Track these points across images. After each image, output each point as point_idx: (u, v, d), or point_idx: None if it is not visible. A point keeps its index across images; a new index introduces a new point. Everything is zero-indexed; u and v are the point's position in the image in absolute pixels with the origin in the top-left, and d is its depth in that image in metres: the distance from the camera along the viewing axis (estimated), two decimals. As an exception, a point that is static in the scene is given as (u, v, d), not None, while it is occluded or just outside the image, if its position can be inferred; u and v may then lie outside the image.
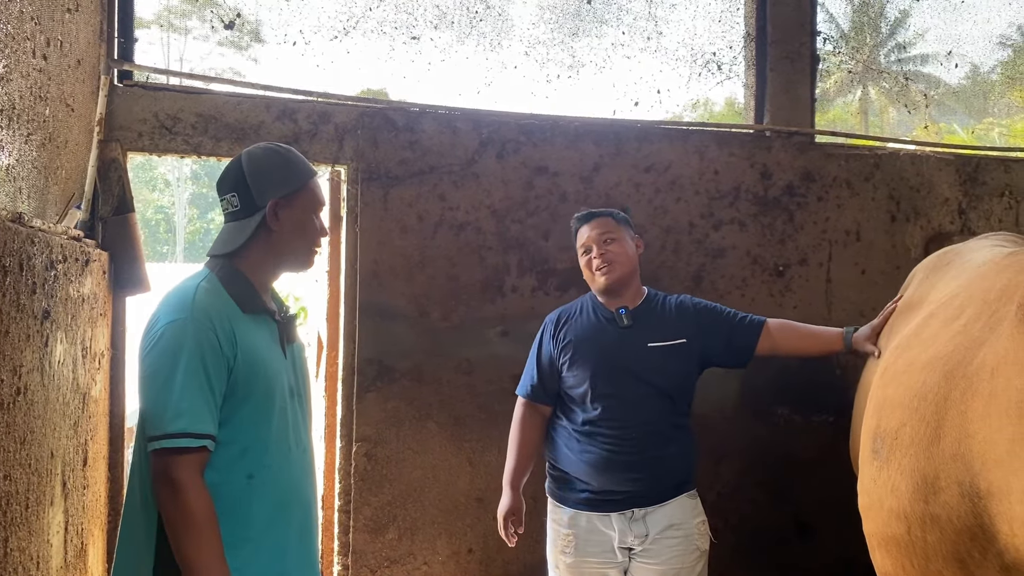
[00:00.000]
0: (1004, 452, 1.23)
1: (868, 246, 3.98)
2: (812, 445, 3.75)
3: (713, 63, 4.16)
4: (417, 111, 3.39)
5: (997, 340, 1.35)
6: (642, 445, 2.58)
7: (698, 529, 2.68)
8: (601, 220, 2.75)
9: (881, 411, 1.69)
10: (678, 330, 2.70)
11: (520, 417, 2.82)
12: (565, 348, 2.71)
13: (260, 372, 1.76)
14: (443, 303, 3.36)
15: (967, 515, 1.32)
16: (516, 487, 2.78)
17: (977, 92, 21.14)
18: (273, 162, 1.89)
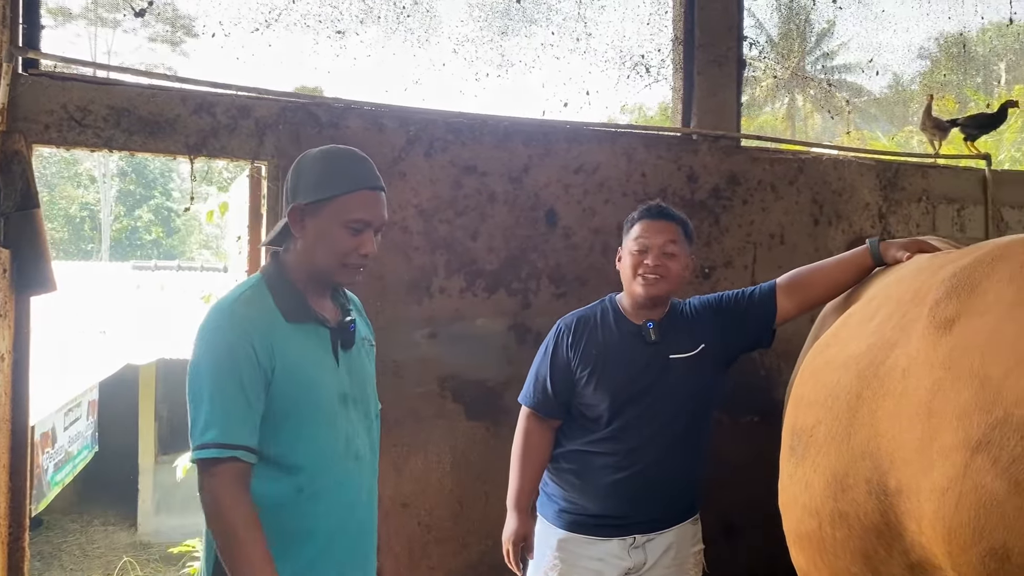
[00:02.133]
0: (913, 451, 1.24)
1: (792, 249, 4.04)
2: (739, 446, 3.79)
3: (642, 66, 4.18)
4: (342, 107, 3.31)
5: (908, 341, 1.37)
6: (655, 471, 2.38)
7: (694, 559, 2.54)
8: (670, 226, 2.45)
9: (798, 409, 1.71)
10: (699, 336, 2.47)
11: (527, 430, 2.55)
12: (585, 361, 2.45)
13: (303, 383, 1.74)
14: (370, 304, 3.26)
15: (874, 512, 1.33)
16: (524, 508, 2.51)
17: (898, 100, 21.87)
18: (315, 165, 1.81)
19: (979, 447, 1.10)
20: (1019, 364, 1.10)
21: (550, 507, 2.52)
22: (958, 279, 1.34)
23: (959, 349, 1.22)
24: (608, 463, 2.39)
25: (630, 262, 2.45)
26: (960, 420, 1.15)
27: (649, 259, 2.40)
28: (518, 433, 2.57)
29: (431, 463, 3.34)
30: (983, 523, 1.09)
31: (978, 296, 1.26)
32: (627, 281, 2.48)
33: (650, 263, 2.39)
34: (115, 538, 9.45)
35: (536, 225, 3.56)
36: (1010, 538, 1.05)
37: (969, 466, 1.11)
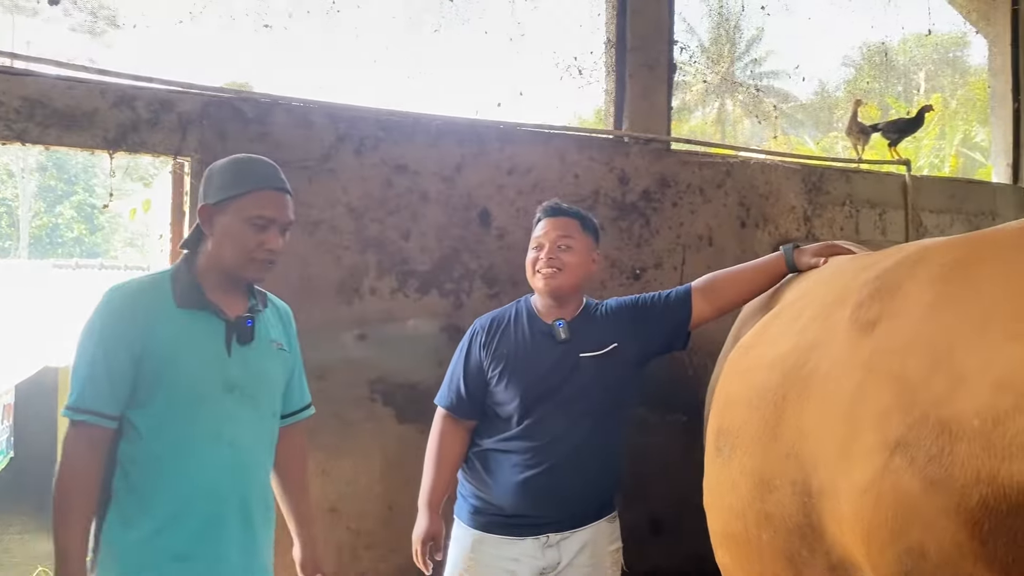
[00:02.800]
0: (835, 452, 1.26)
1: (720, 251, 4.10)
2: (666, 444, 3.83)
3: (575, 68, 4.20)
4: (269, 102, 3.23)
5: (832, 343, 1.39)
6: (567, 468, 2.39)
7: (612, 557, 2.52)
8: (565, 221, 2.51)
9: (725, 409, 1.72)
10: (611, 335, 2.49)
11: (441, 431, 2.55)
12: (496, 360, 2.48)
13: (177, 363, 1.85)
14: (296, 305, 3.17)
15: (797, 514, 1.35)
16: (435, 508, 2.51)
17: (824, 106, 22.56)
18: (224, 170, 1.98)
19: (897, 447, 1.12)
20: (937, 366, 1.12)
21: (464, 508, 2.53)
22: (880, 282, 1.36)
23: (880, 351, 1.24)
24: (519, 461, 2.40)
25: (530, 259, 2.53)
26: (880, 421, 1.17)
27: (543, 253, 2.47)
28: (432, 433, 2.58)
29: (360, 467, 3.29)
30: (900, 522, 1.11)
31: (899, 299, 1.29)
32: (530, 278, 2.54)
33: (544, 257, 2.46)
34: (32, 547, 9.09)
35: (469, 225, 3.54)
36: (926, 537, 1.08)
37: (887, 466, 1.13)
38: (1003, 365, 1.03)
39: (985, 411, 1.03)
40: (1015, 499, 0.98)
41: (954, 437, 1.05)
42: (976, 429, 1.03)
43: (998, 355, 1.05)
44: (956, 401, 1.07)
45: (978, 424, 1.03)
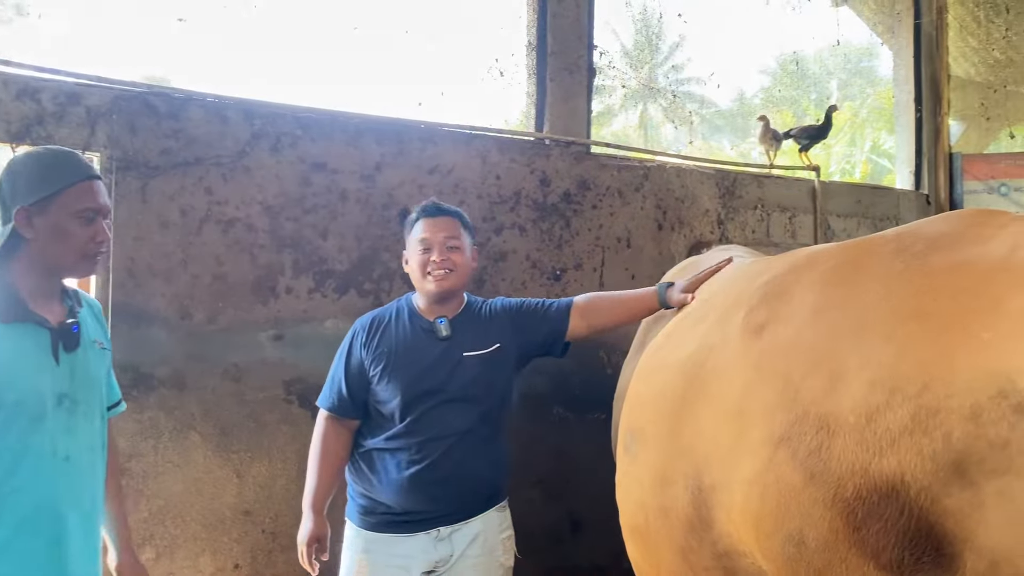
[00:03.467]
0: (726, 448, 1.32)
1: (637, 252, 4.19)
2: (585, 442, 3.89)
3: (496, 69, 4.22)
4: (182, 97, 3.16)
5: (726, 344, 1.45)
6: (452, 461, 2.42)
7: (503, 545, 2.55)
8: (449, 221, 2.55)
9: (633, 408, 1.77)
10: (494, 336, 2.55)
11: (323, 432, 2.54)
12: (377, 358, 2.48)
13: (9, 381, 1.75)
14: (209, 305, 3.15)
15: (688, 506, 1.41)
16: (319, 510, 2.49)
17: (742, 113, 23.19)
18: (28, 168, 1.87)
19: (781, 442, 1.18)
20: (816, 366, 1.19)
21: (354, 509, 2.53)
22: (769, 287, 1.43)
23: (767, 352, 1.30)
24: (404, 459, 2.42)
25: (418, 261, 2.53)
26: (765, 417, 1.23)
27: (435, 255, 2.49)
28: (315, 435, 2.56)
29: (276, 469, 3.24)
30: (783, 512, 1.17)
31: (785, 303, 1.35)
32: (418, 281, 2.55)
33: (436, 259, 2.48)
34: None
35: (389, 225, 3.53)
36: (805, 525, 1.14)
37: (772, 460, 1.19)
38: (876, 365, 1.10)
39: (859, 408, 1.09)
40: (885, 490, 1.04)
41: (831, 433, 1.11)
42: (851, 425, 1.09)
43: (872, 355, 1.12)
44: (834, 399, 1.13)
45: (853, 420, 1.09)
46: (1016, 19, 5.85)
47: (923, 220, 1.40)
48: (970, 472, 0.99)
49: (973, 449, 0.99)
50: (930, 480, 1.01)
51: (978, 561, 0.98)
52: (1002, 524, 0.97)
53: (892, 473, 1.04)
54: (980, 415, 0.99)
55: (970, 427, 1.00)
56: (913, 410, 1.04)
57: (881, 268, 1.24)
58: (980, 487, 0.98)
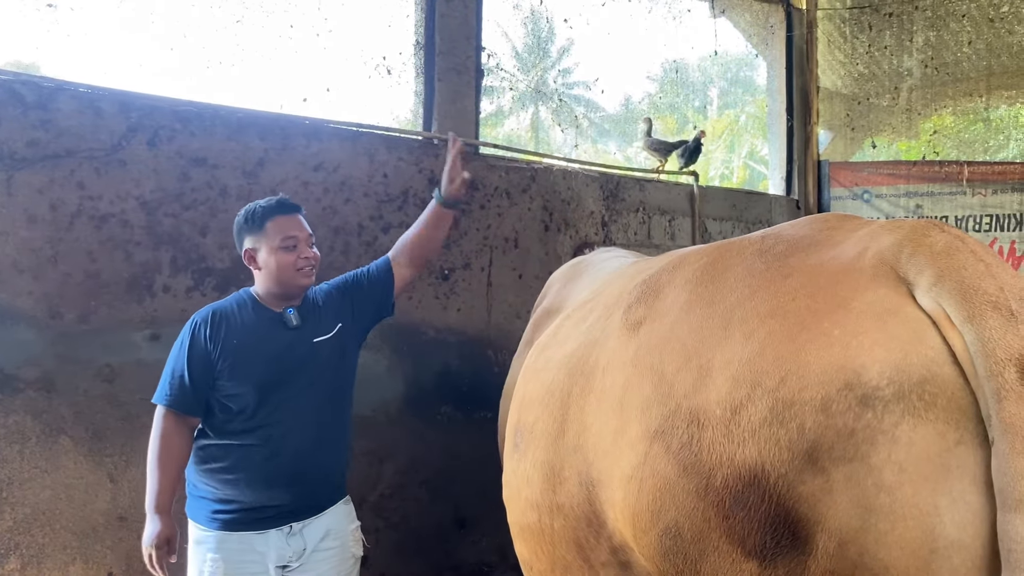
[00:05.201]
0: (610, 443, 1.36)
1: (525, 252, 4.25)
2: (472, 441, 3.92)
3: (383, 67, 4.19)
4: (52, 87, 3.01)
5: (607, 341, 1.50)
6: (303, 453, 2.43)
7: (353, 536, 2.59)
8: (300, 219, 2.56)
9: (521, 407, 1.80)
10: (336, 316, 2.62)
11: (163, 430, 2.42)
12: (226, 352, 2.42)
13: None
14: (80, 304, 3.02)
15: (584, 503, 1.45)
16: (166, 510, 2.39)
17: (629, 118, 23.77)
18: None
19: (656, 436, 1.24)
20: (688, 361, 1.25)
21: (202, 510, 2.44)
22: (646, 286, 1.50)
23: (643, 348, 1.36)
24: (259, 453, 2.40)
25: (285, 259, 2.50)
26: (643, 412, 1.28)
27: (304, 252, 2.53)
28: (154, 434, 2.45)
29: (152, 473, 3.13)
30: (659, 505, 1.22)
31: (659, 300, 1.42)
32: (282, 275, 2.51)
33: (308, 256, 2.54)
34: None
35: (272, 223, 3.45)
36: (681, 517, 1.20)
37: (648, 454, 1.24)
38: (739, 361, 1.17)
39: (725, 401, 1.16)
40: (748, 479, 1.11)
41: (701, 426, 1.17)
42: (718, 417, 1.16)
43: (736, 351, 1.19)
44: (703, 393, 1.20)
45: (719, 413, 1.16)
46: (878, 36, 6.25)
47: (786, 223, 1.49)
48: (821, 460, 1.07)
49: (823, 438, 1.07)
50: (786, 468, 1.09)
51: (828, 542, 1.06)
52: (848, 507, 1.05)
53: (754, 462, 1.11)
54: (829, 406, 1.07)
55: (821, 418, 1.08)
56: (771, 403, 1.11)
57: (745, 268, 1.32)
58: (829, 473, 1.06)
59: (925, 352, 1.08)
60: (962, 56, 6.22)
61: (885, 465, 1.04)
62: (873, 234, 1.27)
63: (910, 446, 1.04)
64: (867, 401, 1.06)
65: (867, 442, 1.05)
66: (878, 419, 1.06)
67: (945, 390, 1.06)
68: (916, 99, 6.37)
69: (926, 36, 6.19)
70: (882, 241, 1.23)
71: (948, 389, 1.06)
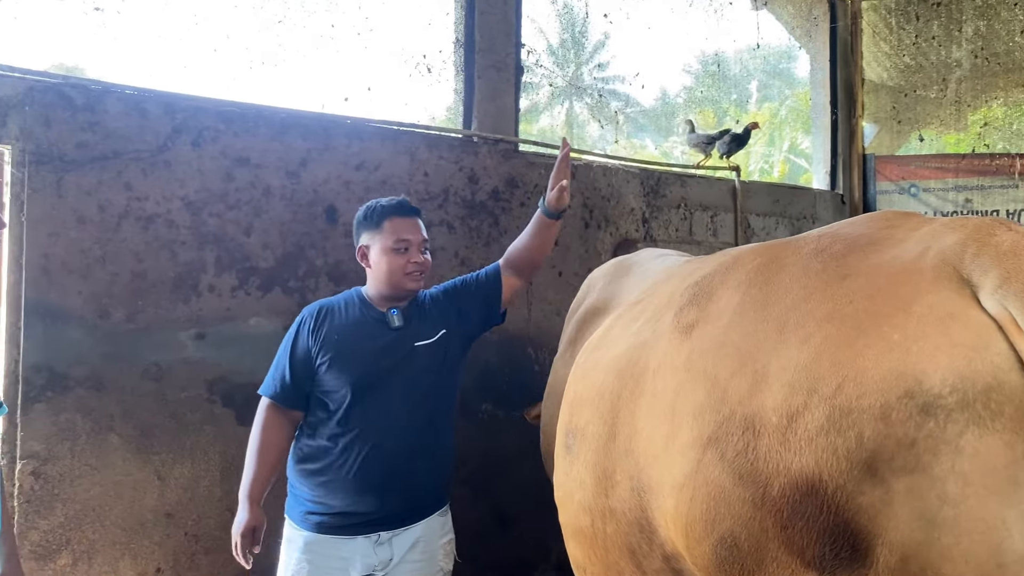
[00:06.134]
0: (660, 449, 1.34)
1: (564, 250, 4.23)
2: (512, 440, 3.92)
3: (424, 66, 4.20)
4: (100, 89, 3.06)
5: (658, 344, 1.47)
6: (396, 461, 2.39)
7: (444, 550, 2.53)
8: (418, 223, 2.57)
9: (572, 408, 1.77)
10: (439, 322, 2.56)
11: (264, 421, 2.48)
12: (326, 346, 2.44)
13: None
14: (128, 303, 3.06)
15: (636, 508, 1.42)
16: (256, 500, 2.41)
17: (665, 112, 23.58)
18: None
19: (709, 443, 1.21)
20: (742, 366, 1.22)
21: (297, 509, 2.48)
22: (698, 288, 1.46)
23: (696, 352, 1.33)
24: (350, 457, 2.39)
25: (395, 261, 2.51)
26: (695, 418, 1.26)
27: (415, 257, 2.52)
28: (255, 424, 2.50)
29: (199, 471, 3.18)
30: (713, 515, 1.20)
31: (712, 303, 1.39)
32: (391, 277, 2.51)
33: (418, 261, 2.52)
34: None
35: (315, 221, 3.48)
36: (736, 527, 1.17)
37: (701, 461, 1.22)
38: (795, 366, 1.14)
39: (781, 408, 1.13)
40: (805, 488, 1.09)
41: (757, 433, 1.15)
42: (774, 425, 1.13)
43: (792, 356, 1.16)
44: (758, 399, 1.17)
45: (776, 420, 1.13)
46: (925, 26, 6.11)
47: (843, 221, 1.45)
48: (881, 470, 1.04)
49: (883, 448, 1.04)
50: (845, 478, 1.06)
51: (890, 555, 1.03)
52: (910, 519, 1.02)
53: (811, 472, 1.08)
54: (889, 415, 1.04)
55: (880, 426, 1.04)
56: (829, 410, 1.08)
57: (800, 268, 1.28)
58: (890, 485, 1.03)
59: (990, 359, 1.04)
60: (1014, 46, 6.06)
61: (948, 476, 1.01)
62: (935, 233, 1.22)
63: (975, 457, 1.00)
64: (929, 410, 1.03)
65: (929, 452, 1.02)
66: (940, 429, 1.02)
67: (1012, 398, 1.02)
68: (965, 90, 6.21)
69: (976, 26, 6.04)
70: (944, 240, 1.19)
71: (1016, 398, 1.02)
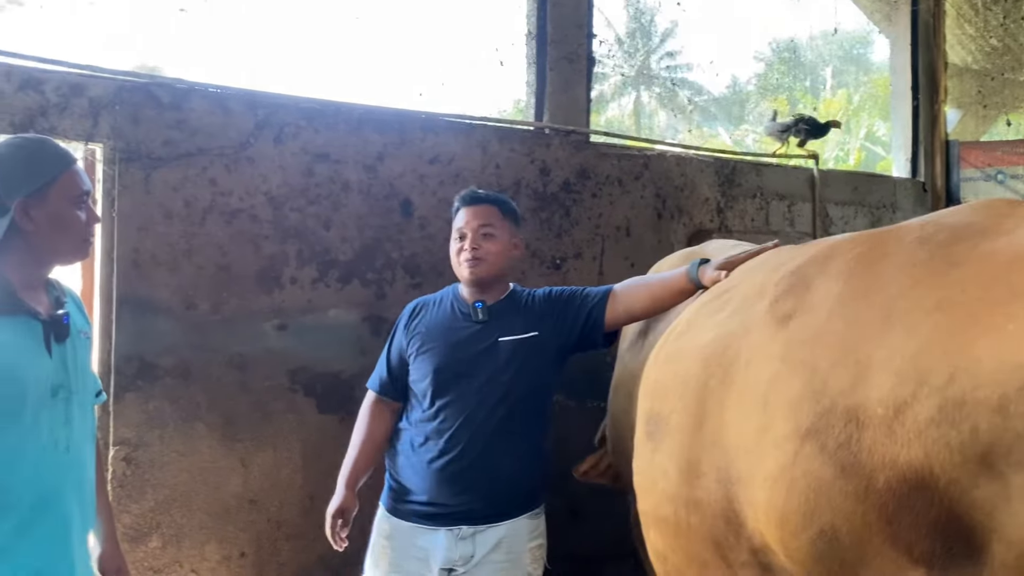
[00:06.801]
0: (751, 440, 1.32)
1: (637, 241, 4.20)
2: (584, 430, 3.90)
3: (496, 59, 4.21)
4: (185, 88, 3.15)
5: (750, 334, 1.45)
6: (478, 453, 2.38)
7: (532, 554, 2.48)
8: (486, 209, 2.55)
9: (654, 395, 1.75)
10: (533, 323, 2.50)
11: (365, 411, 2.61)
12: (415, 338, 2.53)
13: (7, 376, 1.74)
14: (213, 295, 3.15)
15: (723, 499, 1.40)
16: (351, 485, 2.51)
17: (736, 100, 23.18)
18: (16, 159, 1.83)
19: (808, 435, 1.19)
20: (845, 356, 1.19)
21: (386, 494, 2.56)
22: (795, 277, 1.43)
23: (793, 342, 1.30)
24: (433, 446, 2.42)
25: (454, 249, 2.58)
26: (792, 409, 1.23)
27: (467, 243, 2.52)
28: (360, 414, 2.63)
29: (281, 458, 3.26)
30: (812, 507, 1.17)
31: (811, 293, 1.36)
32: (455, 268, 2.59)
33: (468, 247, 2.51)
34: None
35: (391, 215, 3.53)
36: (836, 520, 1.14)
37: (799, 453, 1.19)
38: (903, 356, 1.11)
39: (887, 400, 1.10)
40: (914, 482, 1.05)
41: (861, 425, 1.12)
42: (880, 417, 1.10)
43: (899, 346, 1.12)
44: (862, 390, 1.14)
45: (882, 412, 1.10)
46: (1014, 7, 5.87)
47: (944, 210, 1.40)
48: (998, 464, 0.99)
49: (1000, 442, 0.99)
50: (958, 472, 1.02)
51: (1007, 553, 0.99)
52: (1030, 516, 0.98)
53: (921, 465, 1.05)
54: (1007, 407, 0.99)
55: (997, 419, 1.00)
56: (940, 402, 1.04)
57: (905, 257, 1.24)
58: (1008, 479, 0.98)
59: (1114, 349, 0.99)
60: (1109, 25, 5.78)
61: (1071, 471, 0.96)
62: (1049, 220, 1.17)
63: (1099, 451, 0.96)
64: (1050, 402, 0.98)
65: (1049, 447, 0.98)
66: (1062, 422, 0.98)
67: None
68: (1056, 72, 5.95)
69: (1068, 4, 5.77)
70: (1061, 227, 1.14)
71: None
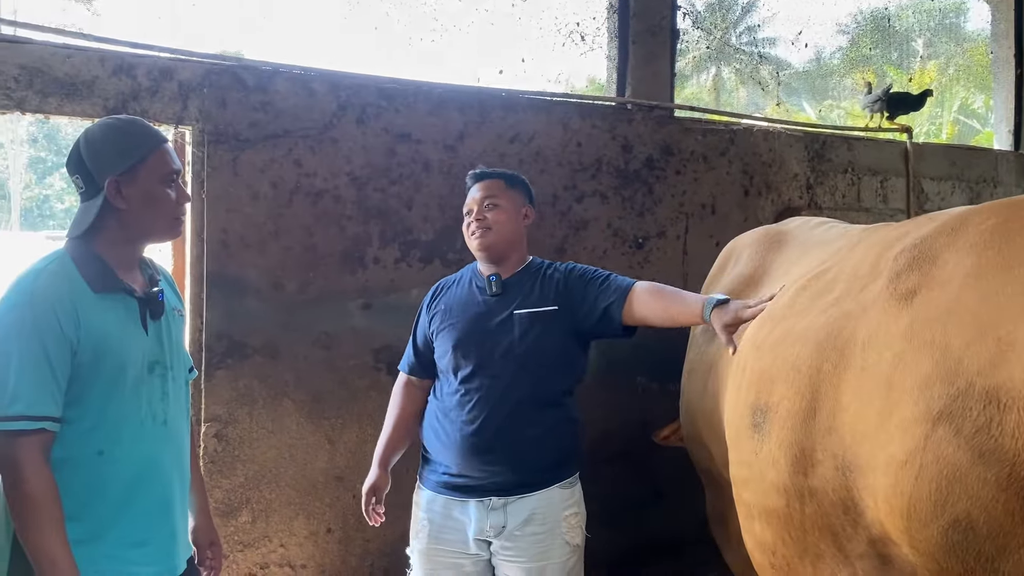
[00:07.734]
0: (872, 425, 1.24)
1: (723, 219, 4.09)
2: (667, 412, 3.83)
3: (577, 33, 4.14)
4: (270, 70, 3.18)
5: (867, 314, 1.36)
6: (503, 425, 2.39)
7: (567, 523, 2.45)
8: (489, 183, 2.61)
9: (760, 384, 1.66)
10: (551, 298, 2.48)
11: (397, 390, 2.71)
12: (436, 316, 2.60)
13: (109, 351, 1.78)
14: (299, 275, 3.19)
15: (841, 488, 1.33)
16: (384, 463, 2.60)
17: (821, 74, 22.44)
18: (108, 138, 1.86)
19: (940, 418, 1.11)
20: (982, 334, 1.10)
21: (423, 468, 2.60)
22: (918, 251, 1.33)
23: (920, 320, 1.21)
24: (457, 418, 2.45)
25: (464, 226, 2.63)
26: (921, 392, 1.15)
27: (473, 216, 2.57)
28: (392, 394, 2.72)
29: (366, 435, 3.28)
30: (945, 495, 1.09)
31: (938, 267, 1.26)
32: (469, 244, 2.62)
33: (473, 219, 2.56)
34: None
35: (472, 194, 3.51)
36: (974, 508, 1.06)
37: (930, 437, 1.11)
38: (1053, 333, 1.02)
39: (1036, 380, 1.01)
40: (1066, 468, 0.97)
41: (1003, 407, 1.03)
42: (1025, 398, 1.01)
43: (1047, 322, 1.03)
44: (1004, 370, 1.05)
45: (1028, 393, 1.01)
46: None
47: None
48: None
49: None
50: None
51: None
52: None
53: (1076, 451, 0.97)
54: None
55: None
56: (1096, 382, 0.96)
57: (1050, 228, 1.15)
58: None
59: None
60: None
61: None
62: None
63: None
64: None
65: None
66: None
67: None
68: None
69: None
70: None
71: None
